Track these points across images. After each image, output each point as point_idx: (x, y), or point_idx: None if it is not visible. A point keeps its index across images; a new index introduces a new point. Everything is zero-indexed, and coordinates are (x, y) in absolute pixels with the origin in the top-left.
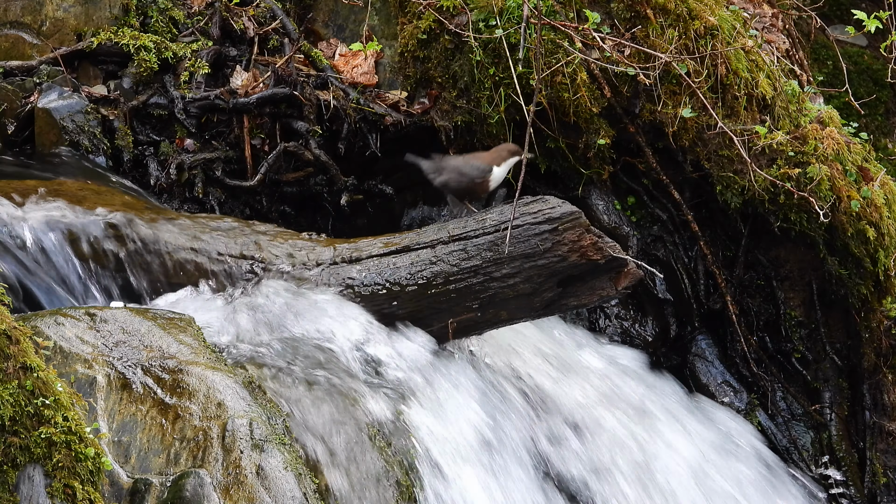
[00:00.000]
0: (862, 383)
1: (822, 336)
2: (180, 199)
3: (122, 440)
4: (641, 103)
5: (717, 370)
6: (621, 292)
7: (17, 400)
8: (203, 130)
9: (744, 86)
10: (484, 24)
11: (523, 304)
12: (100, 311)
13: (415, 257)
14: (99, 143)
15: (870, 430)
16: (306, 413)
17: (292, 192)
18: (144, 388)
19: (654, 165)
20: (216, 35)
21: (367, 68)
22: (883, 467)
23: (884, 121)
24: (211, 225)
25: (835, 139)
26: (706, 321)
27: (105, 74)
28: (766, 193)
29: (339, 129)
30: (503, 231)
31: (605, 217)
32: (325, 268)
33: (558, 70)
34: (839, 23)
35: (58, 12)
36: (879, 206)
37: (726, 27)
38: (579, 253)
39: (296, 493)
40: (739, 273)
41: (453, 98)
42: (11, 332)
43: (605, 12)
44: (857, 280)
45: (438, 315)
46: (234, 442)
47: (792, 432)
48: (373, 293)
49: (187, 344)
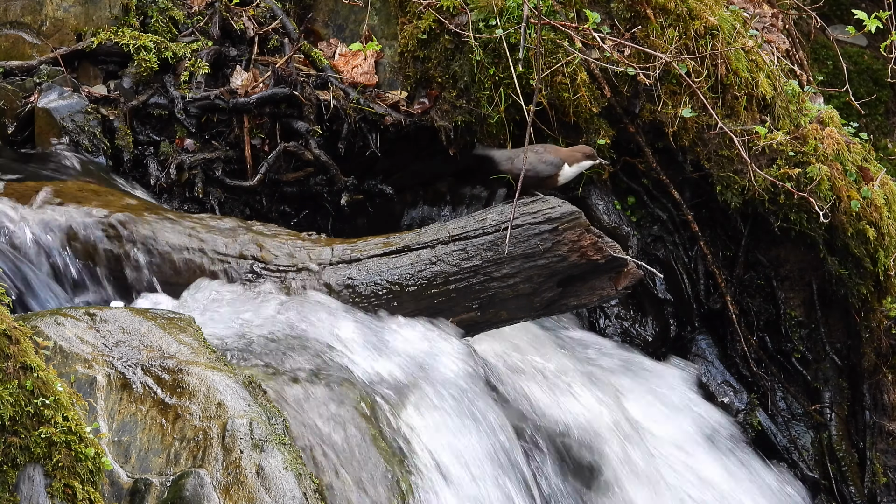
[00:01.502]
0: (862, 383)
1: (822, 336)
2: (180, 199)
3: (122, 440)
4: (641, 103)
5: (717, 370)
6: (621, 292)
7: (17, 400)
8: (203, 130)
9: (744, 86)
10: (484, 24)
11: (523, 303)
12: (100, 310)
13: (415, 257)
14: (99, 143)
15: (870, 430)
16: (306, 412)
17: (292, 192)
18: (144, 387)
19: (654, 165)
20: (216, 35)
21: (367, 68)
22: (883, 467)
23: (884, 121)
24: (211, 225)
25: (835, 139)
26: (706, 321)
27: (105, 74)
28: (766, 193)
29: (339, 129)
30: (503, 231)
31: (605, 217)
32: (325, 268)
33: (558, 70)
34: (839, 23)
35: (58, 12)
36: (879, 206)
37: (726, 27)
38: (579, 253)
39: (296, 493)
40: (739, 273)
41: (453, 98)
42: (11, 332)
43: (605, 12)
44: (857, 280)
45: (438, 315)
46: (234, 442)
47: (792, 432)
48: (373, 293)
49: (187, 344)
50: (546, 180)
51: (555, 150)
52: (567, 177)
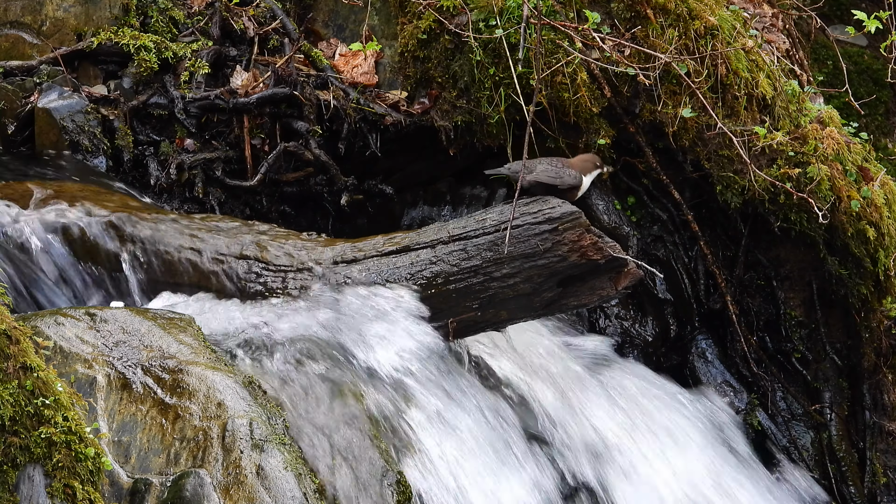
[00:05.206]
0: (862, 383)
1: (822, 336)
2: (180, 199)
3: (122, 440)
4: (641, 103)
5: (717, 370)
6: (621, 292)
7: (17, 400)
8: (203, 130)
9: (744, 86)
10: (484, 24)
11: (523, 303)
12: (100, 311)
13: (415, 257)
14: (99, 143)
15: (870, 430)
16: (307, 411)
17: (292, 192)
18: (144, 387)
19: (654, 165)
20: (216, 35)
21: (367, 68)
22: (883, 467)
23: (884, 121)
24: (211, 225)
25: (835, 139)
26: (706, 321)
27: (105, 74)
28: (766, 193)
29: (339, 129)
30: (503, 231)
31: (605, 217)
32: (325, 268)
33: (558, 70)
34: (839, 23)
35: (58, 12)
36: (879, 206)
37: (726, 27)
38: (579, 253)
39: (296, 493)
40: (739, 273)
41: (453, 98)
42: (11, 332)
43: (605, 12)
44: (857, 280)
45: (438, 315)
46: (234, 442)
47: (792, 432)
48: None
49: (187, 344)
50: (566, 194)
51: (568, 163)
52: (584, 189)
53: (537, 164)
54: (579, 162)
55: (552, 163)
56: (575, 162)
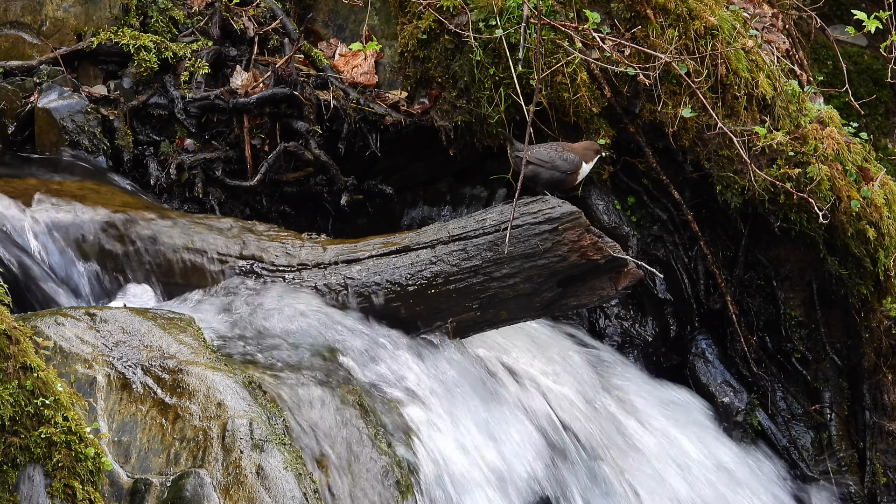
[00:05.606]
0: (862, 383)
1: (822, 336)
2: (180, 199)
3: (122, 440)
4: (641, 103)
5: (717, 370)
6: (621, 292)
7: (17, 400)
8: (203, 130)
9: (744, 86)
10: (484, 24)
11: (523, 303)
12: (100, 311)
13: (415, 257)
14: (99, 142)
15: (870, 430)
16: (307, 412)
17: (292, 192)
18: (144, 388)
19: (654, 165)
20: (216, 35)
21: (367, 68)
22: (883, 467)
23: (884, 121)
24: (211, 225)
25: (835, 139)
26: (706, 321)
27: (105, 74)
28: (766, 193)
29: (339, 129)
30: (503, 231)
31: (605, 217)
32: (325, 268)
33: (558, 70)
34: (839, 23)
35: (58, 12)
36: (879, 206)
37: (726, 27)
38: (579, 253)
39: (296, 493)
40: (739, 273)
41: (453, 98)
42: (11, 332)
43: (605, 12)
44: (857, 280)
45: (439, 315)
46: (234, 442)
47: (792, 432)
48: (373, 293)
49: (187, 344)
50: (567, 177)
51: (570, 148)
52: (584, 174)
53: (540, 148)
54: (581, 148)
55: (555, 147)
56: (577, 148)
